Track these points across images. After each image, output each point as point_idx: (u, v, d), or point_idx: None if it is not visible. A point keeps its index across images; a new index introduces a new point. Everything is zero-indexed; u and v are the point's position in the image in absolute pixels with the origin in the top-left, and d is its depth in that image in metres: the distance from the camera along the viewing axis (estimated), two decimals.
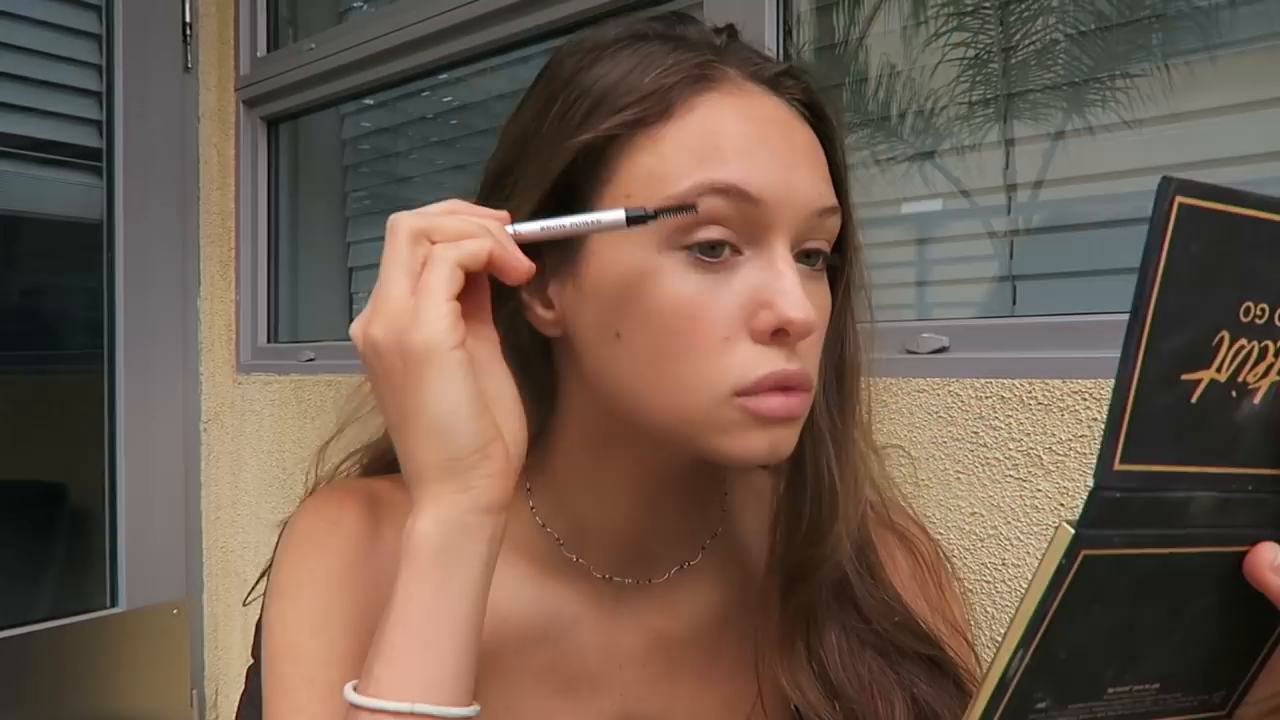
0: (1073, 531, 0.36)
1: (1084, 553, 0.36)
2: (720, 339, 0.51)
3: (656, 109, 0.52)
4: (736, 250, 0.52)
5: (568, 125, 0.53)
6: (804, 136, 0.55)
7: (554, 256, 0.56)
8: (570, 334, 0.57)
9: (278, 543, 0.65)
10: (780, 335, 0.52)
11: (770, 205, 0.51)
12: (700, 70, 0.53)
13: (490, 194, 0.59)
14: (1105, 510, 0.36)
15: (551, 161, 0.53)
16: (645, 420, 0.54)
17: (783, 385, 0.52)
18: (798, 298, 0.51)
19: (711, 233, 0.51)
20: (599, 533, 0.63)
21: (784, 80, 0.56)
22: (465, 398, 0.48)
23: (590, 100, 0.53)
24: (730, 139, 0.52)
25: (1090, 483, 0.36)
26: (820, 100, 0.57)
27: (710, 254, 0.51)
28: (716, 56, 0.55)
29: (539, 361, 0.60)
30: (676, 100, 0.52)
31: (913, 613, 0.65)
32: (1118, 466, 0.35)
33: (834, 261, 0.58)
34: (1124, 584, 0.38)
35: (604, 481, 0.61)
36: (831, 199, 0.55)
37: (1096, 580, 0.37)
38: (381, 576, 0.57)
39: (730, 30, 0.58)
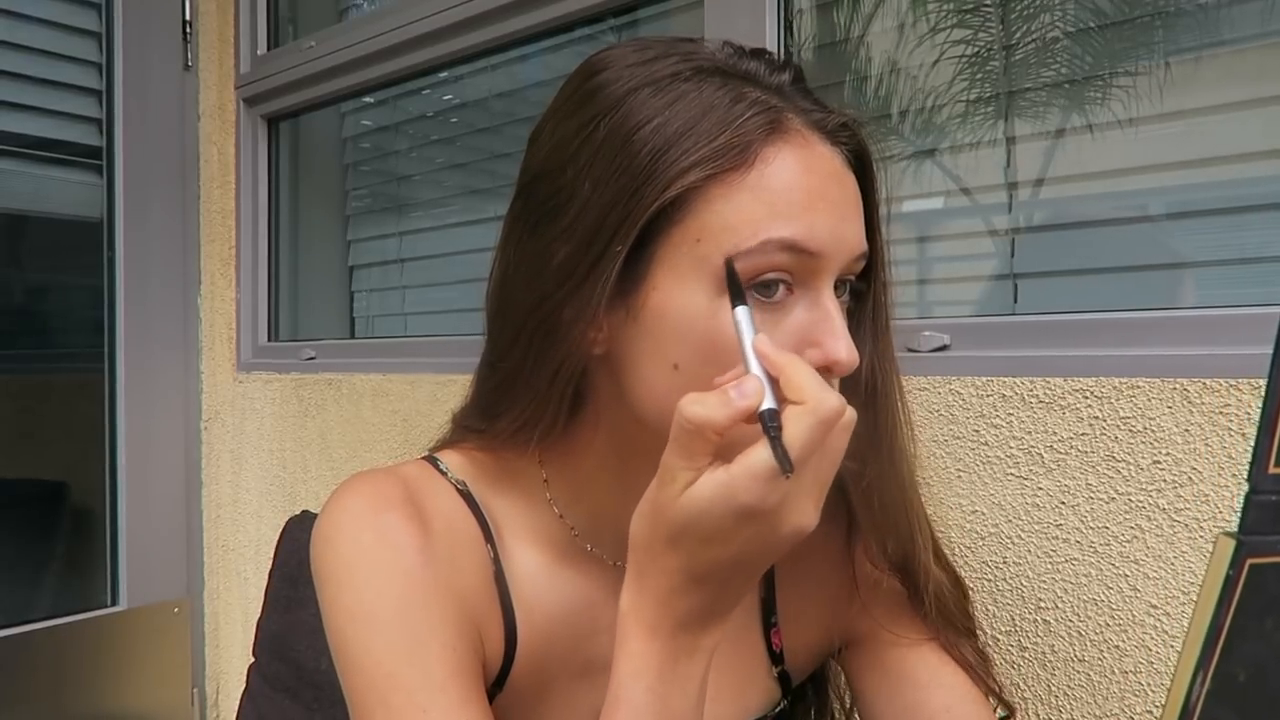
0: (1235, 540, 0.36)
1: (1249, 561, 0.36)
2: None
3: (734, 161, 0.54)
4: (789, 290, 0.56)
5: (638, 166, 0.55)
6: (852, 186, 0.59)
7: (610, 284, 0.57)
8: (615, 355, 0.59)
9: (312, 550, 0.64)
10: (824, 371, 0.55)
11: (825, 256, 0.55)
12: (772, 123, 0.56)
13: (546, 217, 0.59)
14: (1264, 514, 0.36)
15: (637, 209, 0.55)
16: None
17: None
18: (847, 341, 0.55)
19: (770, 276, 0.55)
20: (613, 524, 0.65)
21: (841, 133, 0.59)
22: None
23: (660, 140, 0.55)
24: (798, 194, 0.55)
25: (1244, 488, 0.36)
26: (869, 152, 0.61)
27: (767, 294, 0.55)
28: (783, 102, 0.57)
29: (577, 370, 0.61)
30: (753, 153, 0.55)
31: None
32: (1272, 469, 0.35)
33: (859, 289, 0.62)
34: None
35: (626, 480, 0.63)
36: (865, 245, 0.59)
37: (1265, 592, 0.37)
38: (441, 566, 0.61)
39: (795, 73, 0.60)
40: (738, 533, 0.49)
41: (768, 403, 0.49)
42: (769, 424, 0.48)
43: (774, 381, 0.50)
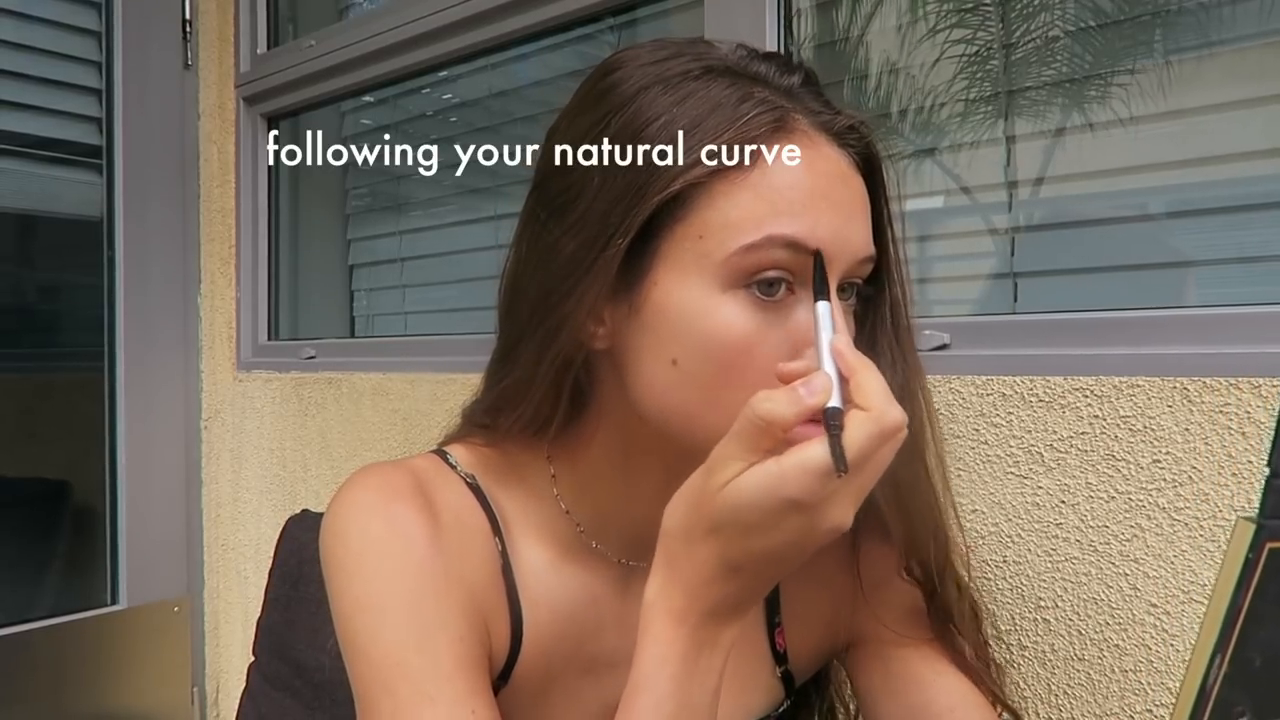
0: (1255, 524, 0.36)
1: (1269, 545, 0.36)
2: (772, 373, 0.55)
3: (737, 158, 0.55)
4: (791, 289, 0.56)
5: (643, 162, 0.55)
6: (858, 188, 0.59)
7: (612, 278, 0.57)
8: (618, 351, 0.59)
9: (321, 540, 0.64)
10: None
11: (827, 256, 0.55)
12: (777, 122, 0.56)
13: (556, 212, 0.60)
14: None
15: (640, 204, 0.55)
16: (691, 438, 0.57)
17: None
18: (846, 341, 0.54)
19: (772, 275, 0.55)
20: (618, 522, 0.66)
21: (849, 135, 0.59)
22: None
23: (666, 137, 0.55)
24: (800, 192, 0.55)
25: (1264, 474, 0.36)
26: (877, 155, 0.61)
27: (768, 293, 0.55)
28: (790, 102, 0.57)
29: (578, 364, 0.61)
30: (757, 151, 0.55)
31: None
32: None
33: (866, 293, 0.62)
34: None
35: (630, 478, 0.64)
36: (872, 248, 0.59)
37: None
38: (450, 558, 0.62)
39: (806, 75, 0.60)
40: (780, 525, 0.49)
41: (834, 401, 0.49)
42: (831, 422, 0.48)
43: (844, 381, 0.50)
